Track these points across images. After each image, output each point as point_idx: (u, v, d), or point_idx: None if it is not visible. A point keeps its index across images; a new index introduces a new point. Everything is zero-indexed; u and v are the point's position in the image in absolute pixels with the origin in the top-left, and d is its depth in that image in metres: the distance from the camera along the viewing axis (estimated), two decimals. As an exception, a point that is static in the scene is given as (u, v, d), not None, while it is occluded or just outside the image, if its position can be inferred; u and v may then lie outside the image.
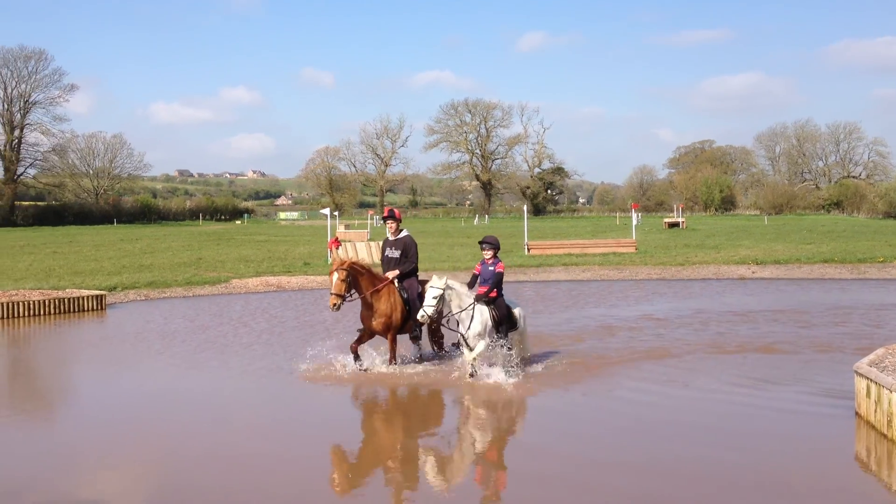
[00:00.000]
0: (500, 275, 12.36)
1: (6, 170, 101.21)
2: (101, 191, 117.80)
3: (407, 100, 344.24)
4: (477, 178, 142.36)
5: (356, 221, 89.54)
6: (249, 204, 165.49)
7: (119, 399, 11.44)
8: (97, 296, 21.22)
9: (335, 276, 12.42)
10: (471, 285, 12.41)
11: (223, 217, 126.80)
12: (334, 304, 12.34)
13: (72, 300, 20.64)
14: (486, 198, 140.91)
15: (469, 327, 11.96)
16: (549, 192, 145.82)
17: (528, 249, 38.42)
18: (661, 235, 56.04)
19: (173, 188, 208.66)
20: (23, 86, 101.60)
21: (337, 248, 35.05)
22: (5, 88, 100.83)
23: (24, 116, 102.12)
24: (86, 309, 20.65)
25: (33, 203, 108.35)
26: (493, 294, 12.25)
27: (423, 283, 12.63)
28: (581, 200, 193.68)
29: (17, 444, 9.25)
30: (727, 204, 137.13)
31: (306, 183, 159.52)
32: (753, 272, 29.34)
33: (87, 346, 16.28)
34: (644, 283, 27.03)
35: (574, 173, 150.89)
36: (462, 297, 12.04)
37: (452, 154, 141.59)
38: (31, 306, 19.85)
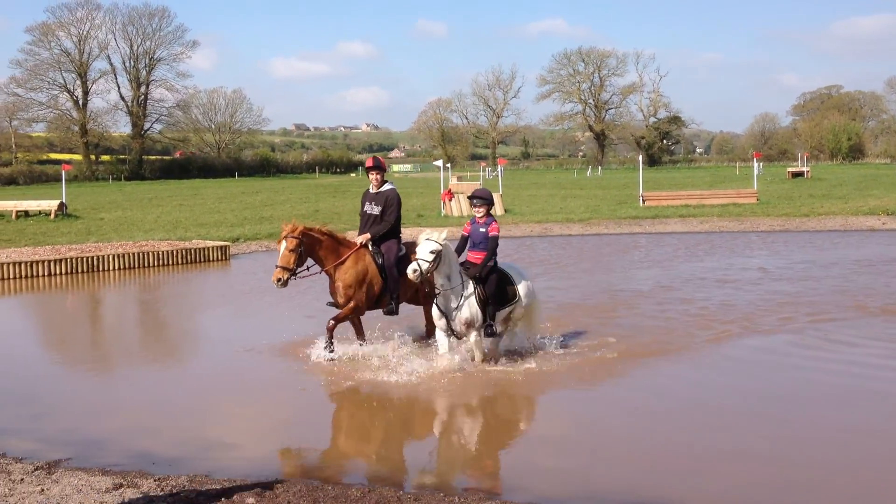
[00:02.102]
0: (496, 239, 10.16)
1: (134, 125, 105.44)
2: (223, 145, 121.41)
3: (519, 50, 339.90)
4: (590, 128, 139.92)
5: (468, 173, 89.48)
6: (364, 156, 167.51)
7: (249, 344, 11.84)
8: (221, 246, 22.04)
9: (283, 245, 10.30)
10: (459, 250, 10.22)
11: (338, 170, 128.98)
12: (278, 280, 10.10)
13: (198, 251, 21.50)
14: (599, 149, 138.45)
15: (458, 309, 9.81)
16: (664, 141, 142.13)
17: (643, 201, 37.66)
18: (784, 185, 53.96)
19: (290, 142, 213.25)
20: (147, 43, 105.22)
21: (450, 200, 35.26)
22: (131, 46, 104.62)
23: (149, 73, 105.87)
24: (211, 259, 21.47)
25: (160, 157, 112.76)
26: (490, 263, 10.11)
27: (411, 245, 10.53)
28: (698, 150, 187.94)
29: (155, 384, 9.75)
30: (855, 152, 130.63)
31: (418, 135, 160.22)
32: (884, 223, 27.98)
33: (216, 295, 16.96)
34: (767, 234, 26.15)
35: (691, 122, 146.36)
36: (454, 266, 9.87)
37: (565, 104, 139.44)
38: (161, 256, 20.78)
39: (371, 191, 11.12)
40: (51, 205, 34.99)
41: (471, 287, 9.92)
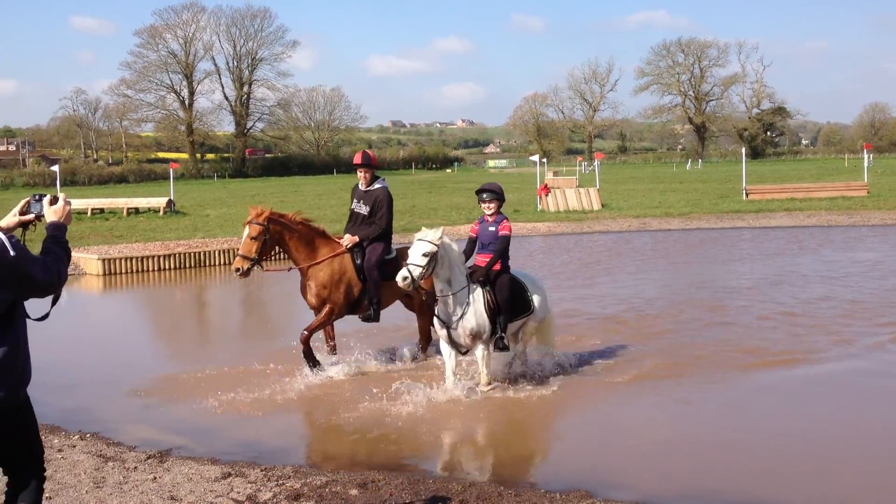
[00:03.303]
0: (507, 239, 8.96)
1: (237, 124, 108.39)
2: (322, 142, 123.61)
3: (616, 42, 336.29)
4: (690, 121, 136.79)
5: (564, 168, 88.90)
6: (459, 152, 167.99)
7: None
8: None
9: (245, 230, 9.32)
10: (467, 253, 9.05)
11: (434, 166, 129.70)
12: (237, 270, 9.19)
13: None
14: (699, 141, 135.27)
15: (462, 317, 8.60)
16: (768, 133, 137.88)
17: (747, 194, 36.62)
18: (896, 178, 51.69)
19: (387, 138, 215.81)
20: (250, 43, 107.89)
21: (546, 195, 35.05)
22: (234, 46, 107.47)
23: (251, 73, 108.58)
24: (311, 254, 21.88)
25: (262, 155, 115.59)
26: (497, 267, 8.90)
27: (404, 250, 9.41)
28: (804, 142, 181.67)
29: (261, 378, 10.01)
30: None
31: (514, 130, 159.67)
32: None
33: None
34: (879, 228, 25.10)
35: (796, 113, 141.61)
36: (456, 268, 8.60)
37: (664, 97, 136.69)
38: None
39: (360, 187, 10.15)
40: (159, 202, 36.27)
41: (478, 292, 8.73)
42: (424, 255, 8.34)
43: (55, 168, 34.13)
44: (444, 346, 8.85)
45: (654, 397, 8.78)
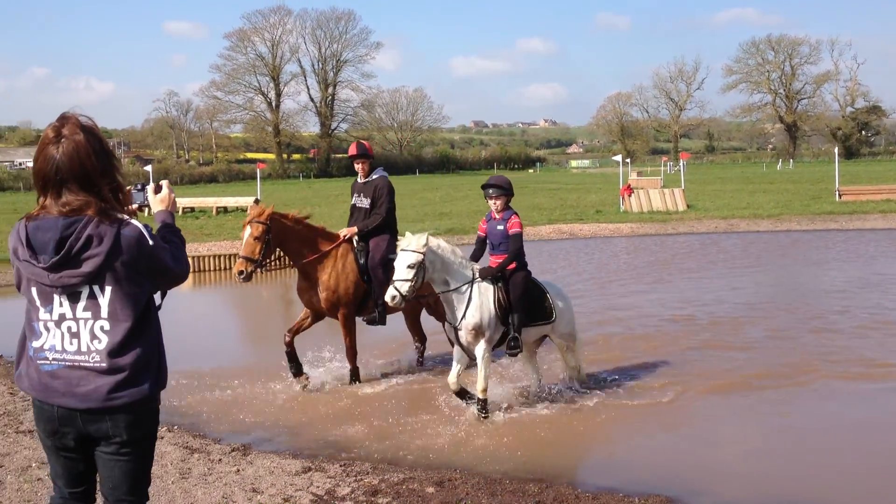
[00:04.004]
0: (519, 237, 8.28)
1: (322, 125, 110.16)
2: (405, 143, 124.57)
3: (704, 40, 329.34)
4: (780, 120, 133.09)
5: (649, 168, 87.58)
6: (541, 153, 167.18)
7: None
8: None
9: (247, 231, 8.86)
10: (476, 256, 8.49)
11: (516, 166, 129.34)
12: (240, 273, 8.69)
13: (380, 245, 22.14)
14: (790, 141, 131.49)
15: (464, 315, 8.00)
16: (863, 132, 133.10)
17: (840, 195, 35.46)
18: None
19: (469, 139, 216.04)
20: (335, 45, 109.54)
21: (629, 196, 34.59)
22: (320, 48, 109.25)
23: (336, 74, 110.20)
24: (393, 253, 22.06)
25: (345, 155, 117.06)
26: (513, 266, 8.27)
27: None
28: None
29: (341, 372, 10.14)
30: None
31: (597, 130, 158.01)
32: None
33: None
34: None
35: (893, 112, 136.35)
36: (451, 266, 8.02)
37: (753, 95, 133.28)
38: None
39: (359, 181, 9.68)
40: (247, 201, 37.13)
41: (486, 286, 8.11)
42: (410, 266, 7.73)
43: (148, 168, 35.22)
44: (456, 350, 8.30)
45: (742, 405, 8.58)
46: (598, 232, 27.20)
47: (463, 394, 8.24)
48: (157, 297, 3.63)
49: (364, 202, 9.54)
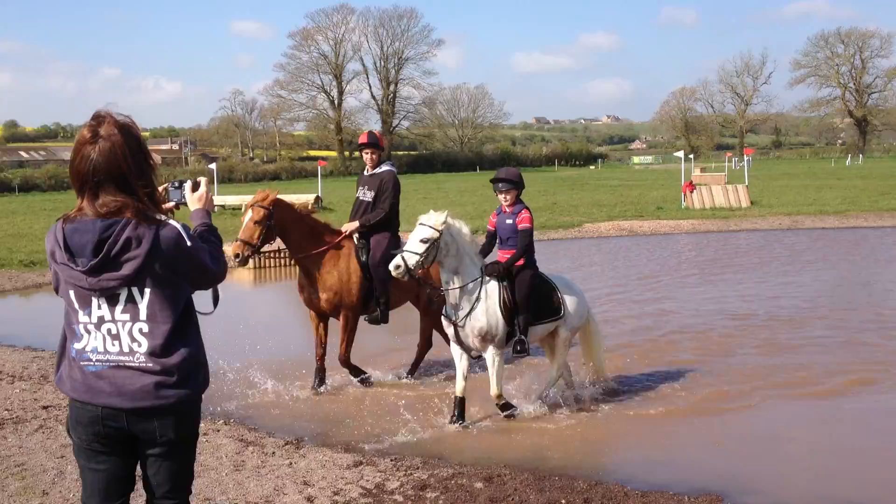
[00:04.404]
0: (528, 233, 7.92)
1: (384, 122, 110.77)
2: (466, 140, 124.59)
3: (771, 34, 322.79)
4: (850, 114, 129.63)
5: (713, 164, 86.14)
6: (603, 149, 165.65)
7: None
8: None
9: (248, 214, 8.60)
10: (485, 251, 8.13)
11: (577, 162, 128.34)
12: (236, 255, 8.38)
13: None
14: (860, 136, 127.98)
15: (469, 315, 7.69)
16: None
17: (911, 192, 34.44)
18: None
19: (530, 135, 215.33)
20: (396, 43, 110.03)
21: (691, 192, 34.12)
22: (382, 46, 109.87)
23: (398, 72, 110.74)
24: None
25: (407, 152, 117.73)
26: (521, 262, 7.92)
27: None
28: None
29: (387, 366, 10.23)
30: None
31: (661, 126, 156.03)
32: None
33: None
34: None
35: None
36: (465, 256, 7.71)
37: (821, 89, 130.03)
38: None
39: (365, 173, 9.29)
40: (308, 198, 37.54)
41: (493, 286, 7.79)
42: (423, 241, 7.46)
43: (213, 166, 35.94)
44: (454, 348, 8.00)
45: (799, 406, 8.44)
46: (659, 229, 26.88)
47: (462, 403, 7.93)
48: (209, 303, 3.65)
49: (368, 195, 9.12)
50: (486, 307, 7.68)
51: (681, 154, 37.82)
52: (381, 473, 6.50)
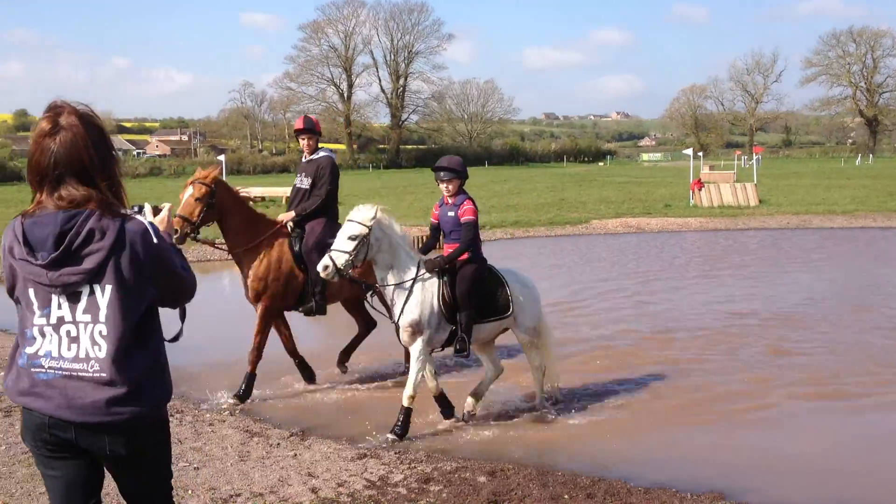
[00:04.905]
0: (472, 225, 7.47)
1: (392, 116, 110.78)
2: (475, 134, 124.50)
3: (783, 32, 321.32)
4: (861, 114, 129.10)
5: (722, 162, 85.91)
6: (612, 145, 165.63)
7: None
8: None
9: (189, 190, 8.15)
10: (429, 246, 7.86)
11: (586, 159, 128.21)
12: (174, 231, 6.84)
13: (446, 236, 22.25)
14: (870, 135, 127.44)
15: (402, 311, 7.28)
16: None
17: (920, 192, 34.31)
18: None
19: (539, 131, 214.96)
20: (406, 37, 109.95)
21: (700, 190, 34.03)
22: (392, 40, 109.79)
23: (407, 66, 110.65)
24: (458, 245, 22.13)
25: (415, 147, 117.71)
26: (464, 256, 7.48)
27: None
28: None
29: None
30: None
31: (670, 123, 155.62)
32: None
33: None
34: None
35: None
36: (399, 251, 7.31)
37: (832, 88, 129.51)
38: (414, 242, 21.72)
39: (303, 160, 8.92)
40: (316, 191, 37.50)
41: (431, 282, 7.35)
42: (351, 237, 7.06)
43: (222, 157, 35.97)
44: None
45: (802, 406, 8.44)
46: (666, 226, 26.84)
47: (444, 396, 7.79)
48: (174, 327, 3.36)
49: (305, 183, 8.74)
50: (419, 300, 7.24)
51: (689, 152, 37.71)
52: (384, 466, 6.53)
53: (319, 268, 7.08)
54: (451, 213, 7.53)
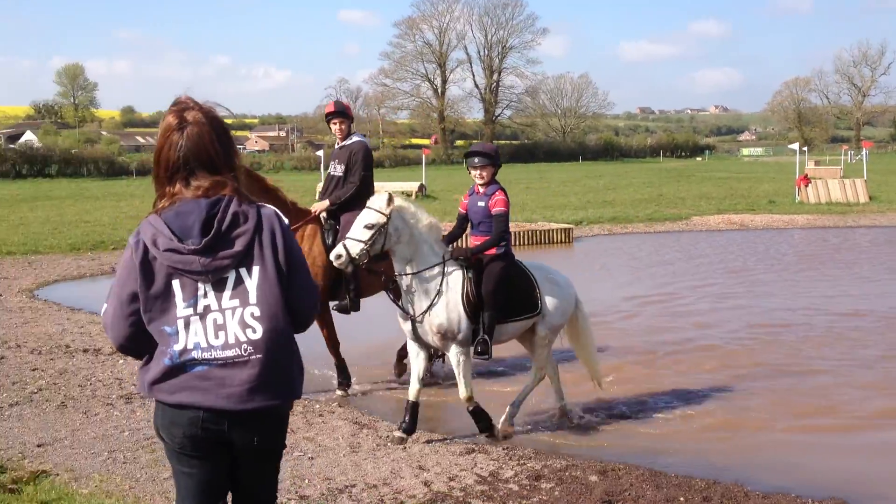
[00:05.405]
0: (502, 216, 7.01)
1: (486, 111, 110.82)
2: (568, 129, 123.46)
3: (892, 23, 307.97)
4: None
5: (827, 157, 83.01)
6: (710, 140, 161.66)
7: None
8: (565, 229, 22.52)
9: None
10: (454, 236, 7.41)
11: (683, 154, 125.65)
12: None
13: (542, 232, 22.15)
14: None
15: (428, 311, 6.83)
16: None
17: None
18: None
19: (634, 125, 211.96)
20: (501, 32, 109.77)
21: (806, 186, 32.95)
22: (486, 35, 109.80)
23: (501, 61, 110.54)
24: (554, 241, 22.02)
25: (508, 142, 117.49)
26: (493, 251, 7.02)
27: None
28: None
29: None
30: None
31: (772, 117, 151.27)
32: None
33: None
34: None
35: None
36: (421, 244, 6.84)
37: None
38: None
39: (336, 146, 8.61)
40: (412, 186, 37.89)
41: (456, 277, 6.90)
42: (367, 227, 6.63)
43: (320, 153, 36.63)
44: (411, 346, 7.16)
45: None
46: (771, 223, 26.06)
47: (416, 409, 7.08)
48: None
49: (339, 170, 8.43)
50: (446, 301, 6.80)
51: (796, 146, 36.54)
52: (494, 462, 6.51)
53: (332, 256, 6.74)
54: (480, 203, 7.12)
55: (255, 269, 3.02)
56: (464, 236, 7.54)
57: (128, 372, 9.04)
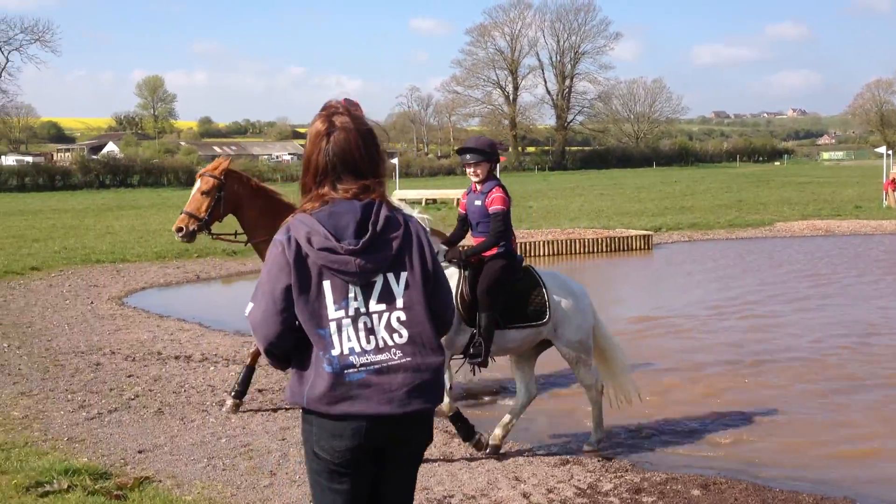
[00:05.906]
0: (501, 215, 6.54)
1: (558, 117, 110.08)
2: (641, 135, 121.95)
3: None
4: None
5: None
6: (789, 144, 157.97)
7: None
8: (644, 235, 22.19)
9: (197, 183, 7.68)
10: (455, 237, 7.13)
11: (760, 158, 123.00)
12: (178, 230, 7.55)
13: (621, 239, 21.86)
14: None
15: None
16: None
17: None
18: None
19: (709, 130, 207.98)
20: (573, 38, 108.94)
21: (893, 191, 31.86)
22: (558, 41, 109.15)
23: (573, 66, 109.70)
24: (633, 248, 21.69)
25: (580, 148, 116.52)
26: (493, 251, 6.59)
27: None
28: None
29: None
30: None
31: (852, 120, 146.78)
32: None
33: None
34: None
35: None
36: None
37: None
38: (586, 244, 21.46)
39: None
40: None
41: (450, 275, 6.49)
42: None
43: (395, 161, 36.86)
44: None
45: None
46: (858, 229, 25.25)
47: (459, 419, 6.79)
48: None
49: None
50: None
51: (883, 150, 35.38)
52: (590, 474, 6.40)
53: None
54: (478, 202, 6.65)
55: (403, 275, 3.03)
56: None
57: (219, 379, 9.17)
